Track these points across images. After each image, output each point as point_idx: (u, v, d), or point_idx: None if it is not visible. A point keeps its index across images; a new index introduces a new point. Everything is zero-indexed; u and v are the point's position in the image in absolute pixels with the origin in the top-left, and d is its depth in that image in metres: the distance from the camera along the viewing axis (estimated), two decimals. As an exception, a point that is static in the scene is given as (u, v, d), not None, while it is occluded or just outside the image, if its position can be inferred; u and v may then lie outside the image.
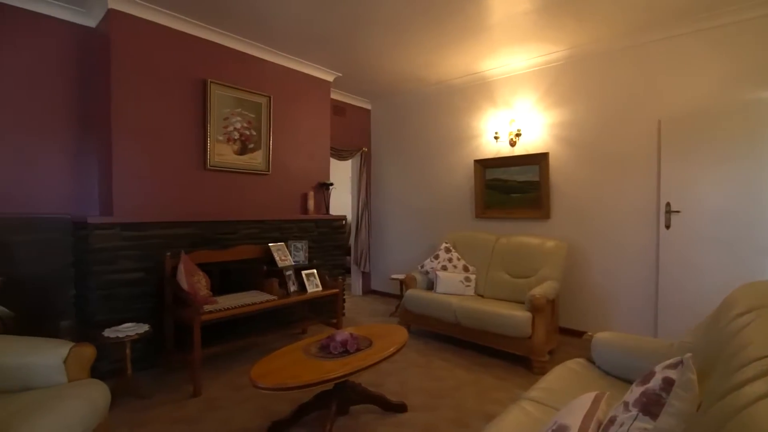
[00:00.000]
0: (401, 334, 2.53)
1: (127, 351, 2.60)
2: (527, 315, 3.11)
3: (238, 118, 3.77)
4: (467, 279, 3.94)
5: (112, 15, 3.05)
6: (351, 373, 2.03)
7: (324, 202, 4.68)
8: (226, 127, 3.68)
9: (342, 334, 2.28)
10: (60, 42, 3.19)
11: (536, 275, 3.61)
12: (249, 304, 3.07)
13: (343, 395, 2.31)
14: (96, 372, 1.97)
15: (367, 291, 5.98)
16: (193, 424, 2.33)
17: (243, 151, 3.82)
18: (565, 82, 4.03)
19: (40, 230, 3.08)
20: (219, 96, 3.61)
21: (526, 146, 4.27)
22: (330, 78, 4.72)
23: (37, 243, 3.06)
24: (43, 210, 3.12)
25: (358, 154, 5.68)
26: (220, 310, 2.88)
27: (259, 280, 3.51)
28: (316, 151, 4.62)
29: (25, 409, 1.61)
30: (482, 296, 3.92)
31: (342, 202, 6.44)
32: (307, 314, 4.07)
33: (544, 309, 3.12)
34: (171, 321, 3.02)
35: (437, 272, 4.00)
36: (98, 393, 1.83)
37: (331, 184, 4.71)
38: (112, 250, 2.93)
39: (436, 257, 4.20)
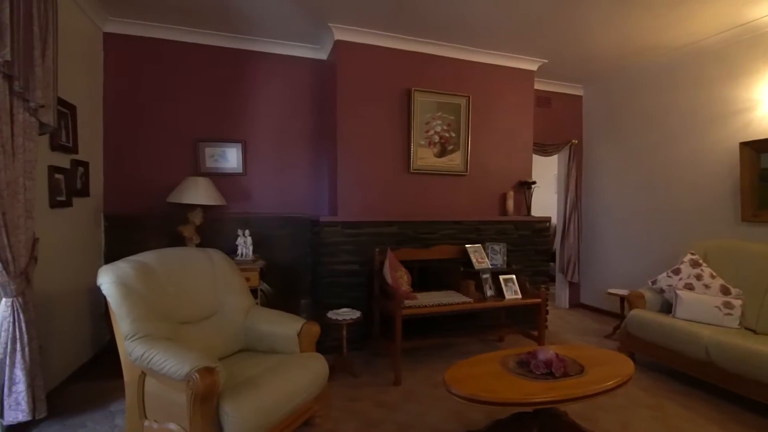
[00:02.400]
0: (625, 365, 2.04)
1: (344, 332, 3.01)
2: None
3: (438, 122, 3.87)
4: (727, 305, 2.91)
5: (337, 46, 3.61)
6: (558, 402, 1.75)
7: (525, 203, 4.33)
8: (427, 131, 3.84)
9: (546, 353, 1.99)
10: (303, 76, 3.99)
11: None
12: (446, 304, 3.09)
13: (546, 424, 2.02)
14: (320, 346, 2.33)
15: (575, 304, 5.23)
16: (392, 411, 2.49)
17: (442, 153, 3.91)
18: None
19: (290, 226, 3.92)
20: (421, 102, 3.79)
21: None
22: (533, 67, 4.33)
23: (288, 237, 3.91)
24: (292, 210, 3.96)
25: (566, 147, 5.03)
26: (419, 306, 2.99)
27: (456, 280, 3.50)
28: (517, 148, 4.31)
29: (271, 368, 2.02)
30: (753, 331, 2.83)
31: (546, 203, 5.85)
32: (504, 321, 3.84)
33: None
34: (378, 310, 3.34)
35: (678, 291, 3.11)
36: (320, 366, 2.14)
37: (533, 183, 4.32)
38: (335, 244, 3.45)
39: (677, 272, 3.27)
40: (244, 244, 3.46)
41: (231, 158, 3.80)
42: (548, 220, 4.32)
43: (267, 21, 3.44)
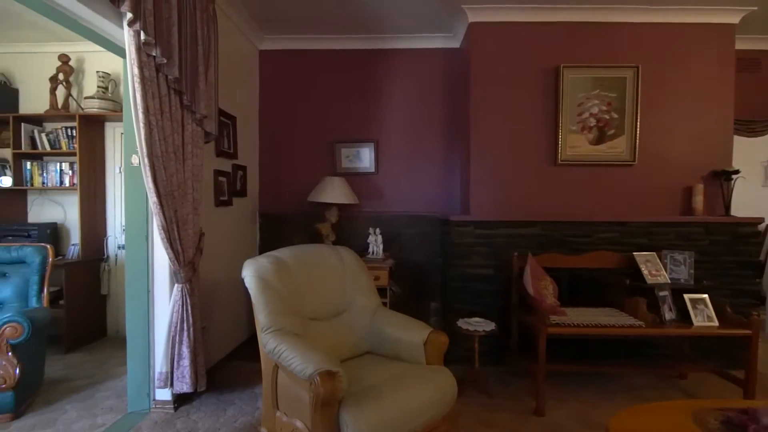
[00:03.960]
0: None
1: (476, 344, 2.70)
2: None
3: (595, 102, 3.21)
4: None
5: (471, 29, 3.30)
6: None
7: (721, 199, 3.29)
8: (580, 114, 3.22)
9: (776, 417, 1.36)
10: (434, 69, 3.80)
11: None
12: (608, 326, 2.50)
13: None
14: (448, 355, 2.08)
15: (804, 339, 3.79)
16: (534, 448, 2.09)
17: (600, 139, 3.23)
18: None
19: (420, 225, 3.78)
20: (572, 80, 3.20)
21: None
22: (734, 19, 3.26)
23: (418, 236, 3.78)
24: (422, 209, 3.81)
25: (790, 124, 3.68)
26: (569, 325, 2.49)
27: (619, 296, 2.84)
28: (708, 128, 3.31)
29: (395, 378, 1.87)
30: None
31: (752, 199, 4.41)
32: (688, 354, 2.96)
33: None
34: (516, 323, 2.93)
35: None
36: (449, 383, 1.90)
37: (736, 173, 3.24)
38: (467, 246, 3.16)
39: None
40: (375, 243, 3.45)
41: (364, 158, 3.86)
42: (759, 221, 3.19)
43: (400, 15, 3.36)
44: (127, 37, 1.90)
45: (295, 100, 3.89)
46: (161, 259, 2.40)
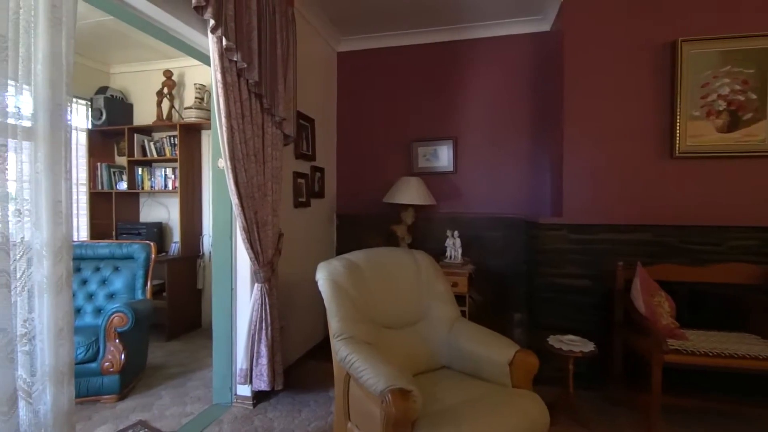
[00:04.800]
0: None
1: (570, 366, 2.36)
2: None
3: (725, 80, 2.64)
4: None
5: (565, 6, 2.94)
6: None
7: None
8: (704, 97, 2.68)
9: None
10: (520, 56, 3.47)
11: None
12: (747, 357, 2.01)
13: None
14: (536, 375, 1.82)
15: None
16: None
17: (732, 125, 2.65)
18: None
19: (502, 228, 3.47)
20: (693, 57, 2.67)
21: None
22: None
23: (500, 239, 3.48)
24: (505, 210, 3.50)
25: None
26: (694, 353, 2.05)
27: (760, 319, 2.28)
28: None
29: (476, 400, 1.67)
30: None
31: None
32: None
33: None
34: (620, 344, 2.52)
35: None
36: (538, 413, 1.65)
37: None
38: (558, 252, 2.81)
39: None
40: (453, 246, 3.25)
41: (442, 156, 3.67)
42: None
43: (484, 1, 3.12)
44: (210, 44, 1.97)
45: (372, 100, 3.84)
46: (243, 258, 2.48)
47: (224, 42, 1.95)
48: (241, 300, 2.54)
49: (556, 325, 2.74)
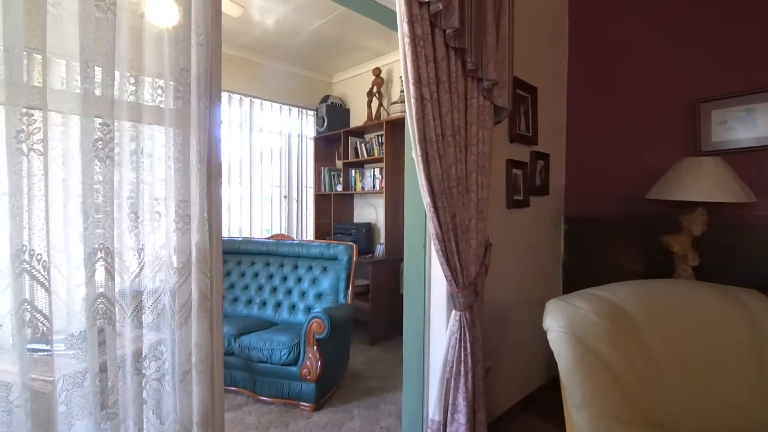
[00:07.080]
0: None
1: None
2: None
3: None
4: None
5: None
6: None
7: None
8: None
9: None
10: None
11: None
12: None
13: None
14: None
15: None
16: None
17: None
18: None
19: None
20: None
21: None
22: None
23: None
24: None
25: None
26: None
27: None
28: None
29: None
30: None
31: None
32: None
33: None
34: None
35: None
36: None
37: None
38: None
39: None
40: (799, 279, 1.80)
41: (762, 121, 2.17)
42: None
43: None
44: (396, -15, 1.46)
45: (624, 52, 2.65)
46: (438, 274, 1.90)
47: (411, -24, 1.40)
48: (435, 326, 1.98)
49: None
